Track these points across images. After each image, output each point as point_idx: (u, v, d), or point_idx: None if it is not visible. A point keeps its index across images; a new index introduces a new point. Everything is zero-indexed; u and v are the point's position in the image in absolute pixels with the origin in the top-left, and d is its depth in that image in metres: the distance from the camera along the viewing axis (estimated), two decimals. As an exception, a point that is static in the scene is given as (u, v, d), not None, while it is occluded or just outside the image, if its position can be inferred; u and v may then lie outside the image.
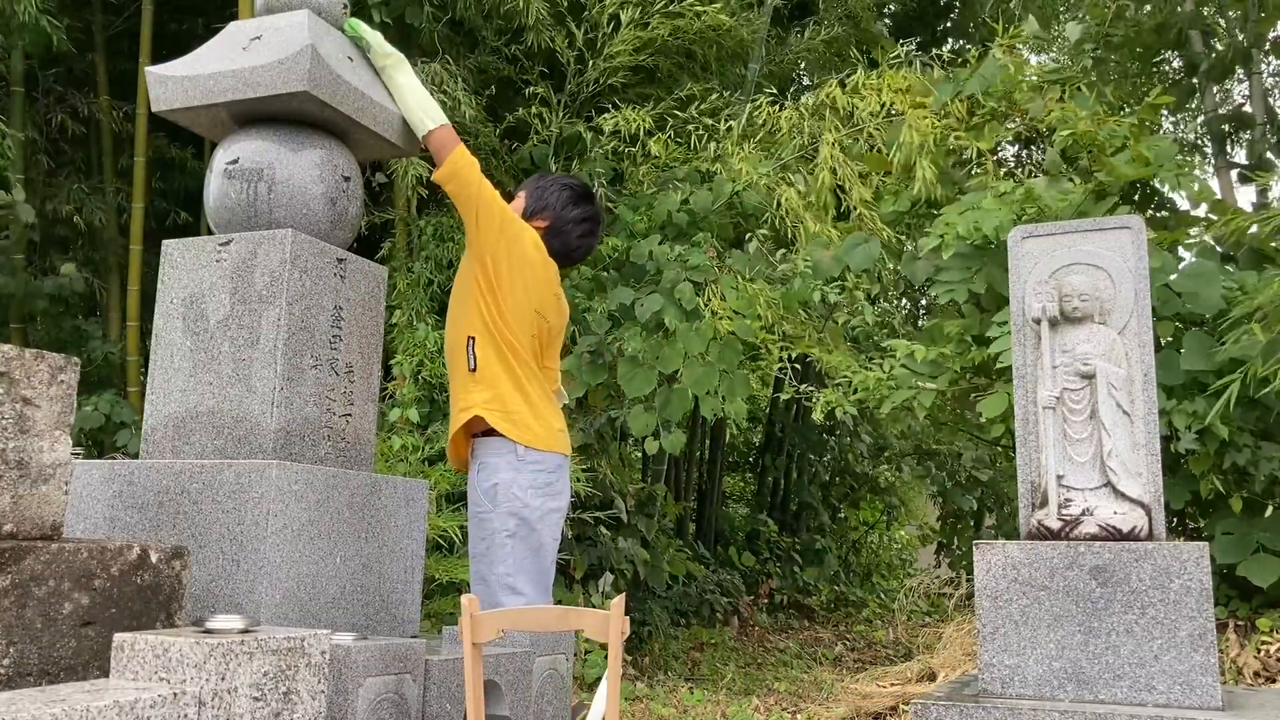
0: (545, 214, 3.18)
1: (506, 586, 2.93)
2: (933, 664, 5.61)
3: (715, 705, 5.17)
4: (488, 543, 2.96)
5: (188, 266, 2.99)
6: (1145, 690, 3.02)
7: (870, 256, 5.80)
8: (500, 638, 2.29)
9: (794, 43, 7.98)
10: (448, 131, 3.06)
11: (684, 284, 5.57)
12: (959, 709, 3.00)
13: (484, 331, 2.98)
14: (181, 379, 2.92)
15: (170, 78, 3.04)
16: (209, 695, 1.89)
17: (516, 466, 2.95)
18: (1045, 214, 5.07)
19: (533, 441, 2.97)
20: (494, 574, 2.94)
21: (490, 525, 2.96)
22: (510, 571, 2.93)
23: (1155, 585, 3.05)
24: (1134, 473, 3.22)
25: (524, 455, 2.95)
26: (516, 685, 2.77)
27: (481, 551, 2.97)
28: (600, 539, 6.18)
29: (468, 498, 3.05)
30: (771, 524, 10.64)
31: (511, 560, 2.94)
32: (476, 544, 2.99)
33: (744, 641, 7.85)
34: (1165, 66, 8.97)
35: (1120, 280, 3.33)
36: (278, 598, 2.60)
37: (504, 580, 2.93)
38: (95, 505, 2.80)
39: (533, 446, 2.97)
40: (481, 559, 2.97)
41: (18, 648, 1.98)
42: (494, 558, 2.94)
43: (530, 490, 2.96)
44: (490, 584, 2.95)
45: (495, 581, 2.94)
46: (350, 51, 3.17)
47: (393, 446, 5.26)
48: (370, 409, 3.14)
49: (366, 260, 3.18)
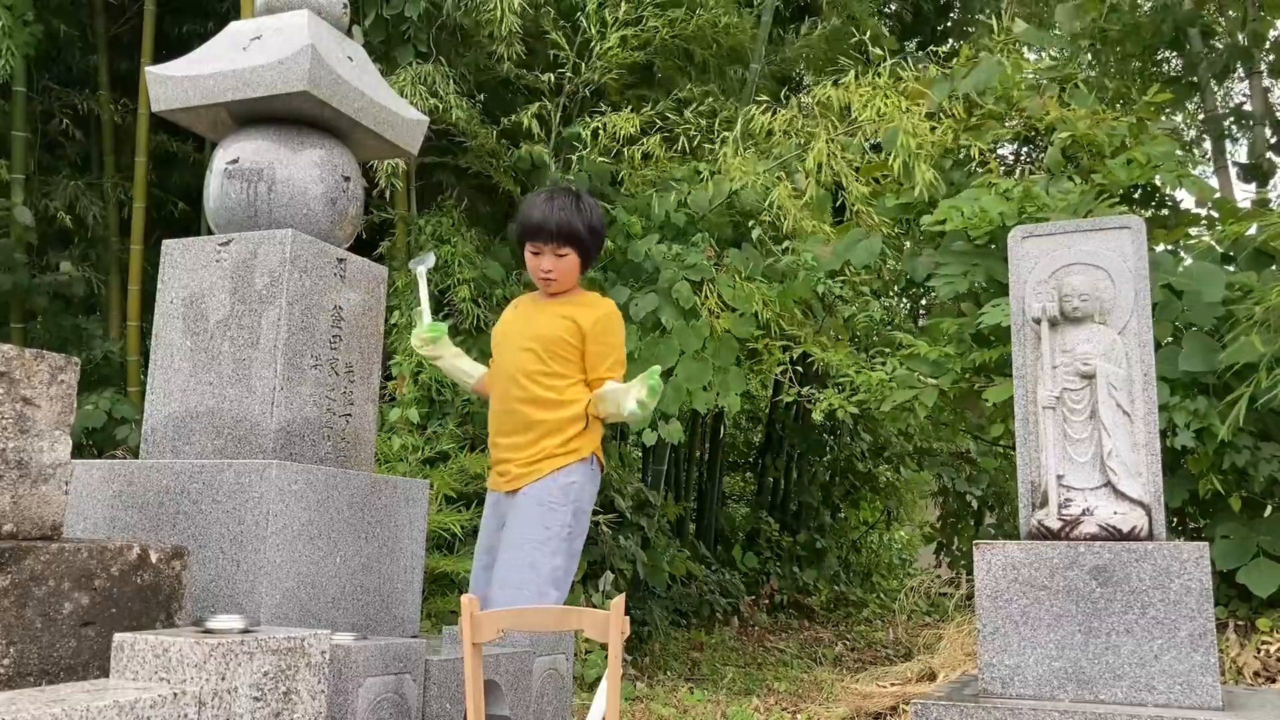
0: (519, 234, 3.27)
1: (554, 580, 2.99)
2: (933, 664, 5.61)
3: (715, 705, 5.17)
4: (551, 532, 3.01)
5: (188, 266, 2.99)
6: (1145, 690, 3.01)
7: (872, 252, 5.79)
8: (500, 638, 2.29)
9: (792, 40, 7.98)
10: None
11: (681, 283, 5.56)
12: (959, 709, 3.00)
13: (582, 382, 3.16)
14: (181, 379, 2.92)
15: (170, 78, 3.04)
16: (209, 695, 1.89)
17: (590, 475, 3.14)
18: (1045, 213, 5.07)
19: (599, 453, 3.19)
20: (548, 564, 2.99)
21: (557, 516, 3.03)
22: (562, 566, 3.02)
23: (1155, 585, 3.05)
24: (1134, 473, 3.22)
25: (593, 464, 3.15)
26: (516, 685, 2.77)
27: (540, 539, 3.00)
28: (601, 538, 6.17)
29: (529, 490, 3.07)
30: (772, 524, 10.63)
31: (563, 558, 3.02)
32: (536, 529, 3.01)
33: (744, 641, 7.85)
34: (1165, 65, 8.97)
35: (1120, 280, 3.33)
36: (278, 598, 2.60)
37: (555, 574, 3.00)
38: (95, 505, 2.80)
39: (598, 458, 3.18)
40: (538, 547, 2.99)
41: (18, 648, 1.98)
42: (552, 549, 3.00)
43: (591, 499, 3.15)
44: (541, 572, 2.97)
45: (547, 572, 2.98)
46: (350, 51, 3.17)
47: (392, 446, 5.26)
48: (370, 409, 3.14)
49: (367, 260, 3.18)
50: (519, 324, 3.22)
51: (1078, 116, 5.57)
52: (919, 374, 5.39)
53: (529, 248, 3.17)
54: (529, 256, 3.18)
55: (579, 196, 3.19)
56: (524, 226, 3.18)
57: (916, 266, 5.83)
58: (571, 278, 3.21)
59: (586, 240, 3.16)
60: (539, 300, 3.26)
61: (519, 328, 3.20)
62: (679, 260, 5.71)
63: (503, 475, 3.13)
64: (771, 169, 6.03)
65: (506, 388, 3.14)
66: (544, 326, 3.14)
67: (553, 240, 3.12)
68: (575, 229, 3.12)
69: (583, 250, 3.17)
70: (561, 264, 3.15)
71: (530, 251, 3.16)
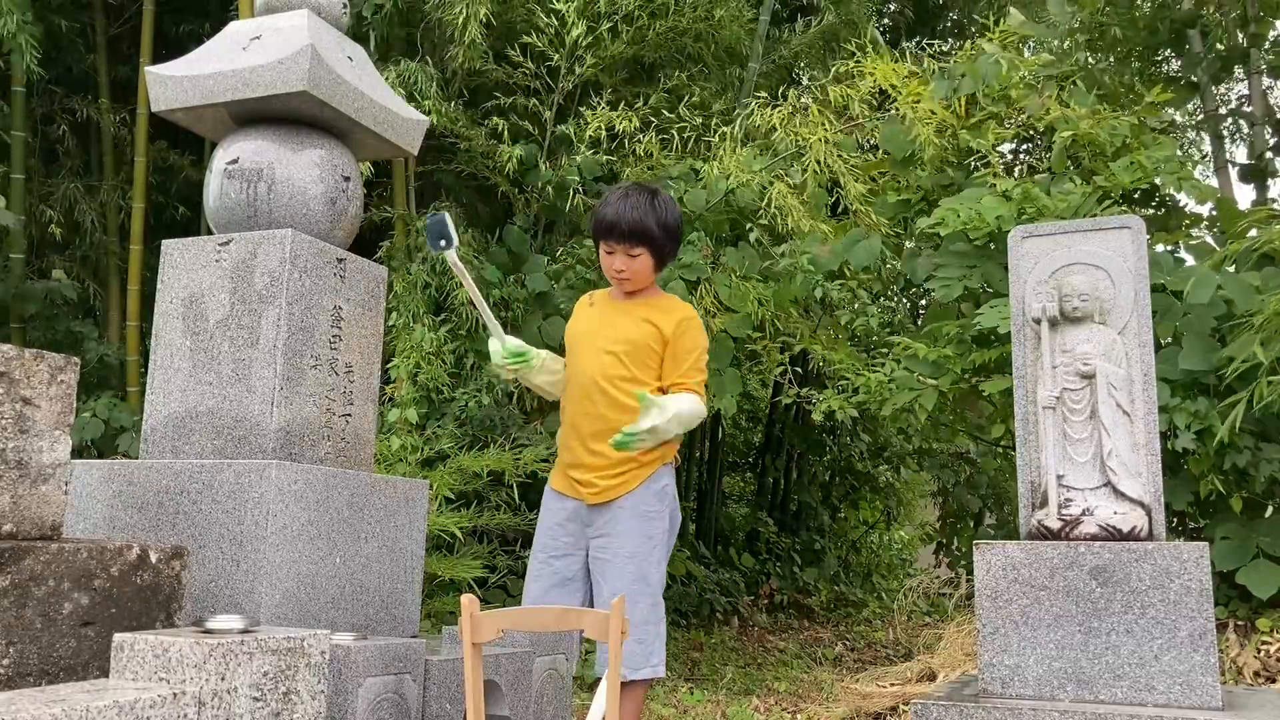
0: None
1: (662, 585, 3.03)
2: (933, 664, 5.61)
3: (715, 705, 5.17)
4: (654, 541, 3.01)
5: (187, 266, 2.99)
6: (1145, 690, 3.01)
7: (871, 253, 5.78)
8: (500, 638, 2.29)
9: (788, 40, 7.97)
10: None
11: (675, 282, 5.56)
12: (959, 709, 3.00)
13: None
14: (181, 379, 2.92)
15: (170, 78, 3.04)
16: (209, 695, 1.89)
17: (672, 475, 3.15)
18: (1045, 214, 5.06)
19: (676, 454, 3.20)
20: (656, 574, 3.00)
21: (658, 525, 3.03)
22: (663, 570, 3.05)
23: (1155, 585, 3.05)
24: (1134, 473, 3.22)
25: (670, 463, 3.15)
26: (516, 685, 2.77)
27: (646, 551, 2.99)
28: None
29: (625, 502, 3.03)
30: (771, 524, 10.63)
31: (664, 563, 3.05)
32: (641, 542, 2.99)
33: (744, 641, 7.85)
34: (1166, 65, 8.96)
35: (1120, 280, 3.33)
36: (278, 598, 2.59)
37: (662, 580, 3.03)
38: (95, 505, 2.80)
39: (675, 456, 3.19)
40: (645, 559, 2.98)
41: (18, 648, 1.98)
42: (657, 557, 3.01)
43: (677, 497, 3.17)
44: (651, 583, 2.98)
45: (657, 581, 3.00)
46: (350, 51, 3.17)
47: (391, 447, 5.26)
48: (370, 409, 3.14)
49: (366, 260, 3.18)
50: (598, 324, 3.15)
51: (1079, 116, 5.56)
52: (919, 375, 5.38)
53: (603, 246, 3.11)
54: (603, 255, 3.12)
55: (654, 194, 3.13)
56: (597, 225, 3.12)
57: (916, 267, 5.82)
58: (646, 277, 3.14)
59: (660, 239, 3.09)
60: (616, 300, 3.19)
61: (598, 328, 3.13)
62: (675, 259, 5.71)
63: (586, 486, 3.05)
64: (768, 165, 6.02)
65: (588, 391, 3.07)
66: (628, 329, 3.08)
67: (625, 240, 3.05)
68: (648, 228, 3.05)
69: (656, 250, 3.10)
70: (634, 264, 3.08)
71: (604, 250, 3.10)
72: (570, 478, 3.09)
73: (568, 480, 3.11)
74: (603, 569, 3.00)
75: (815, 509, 11.38)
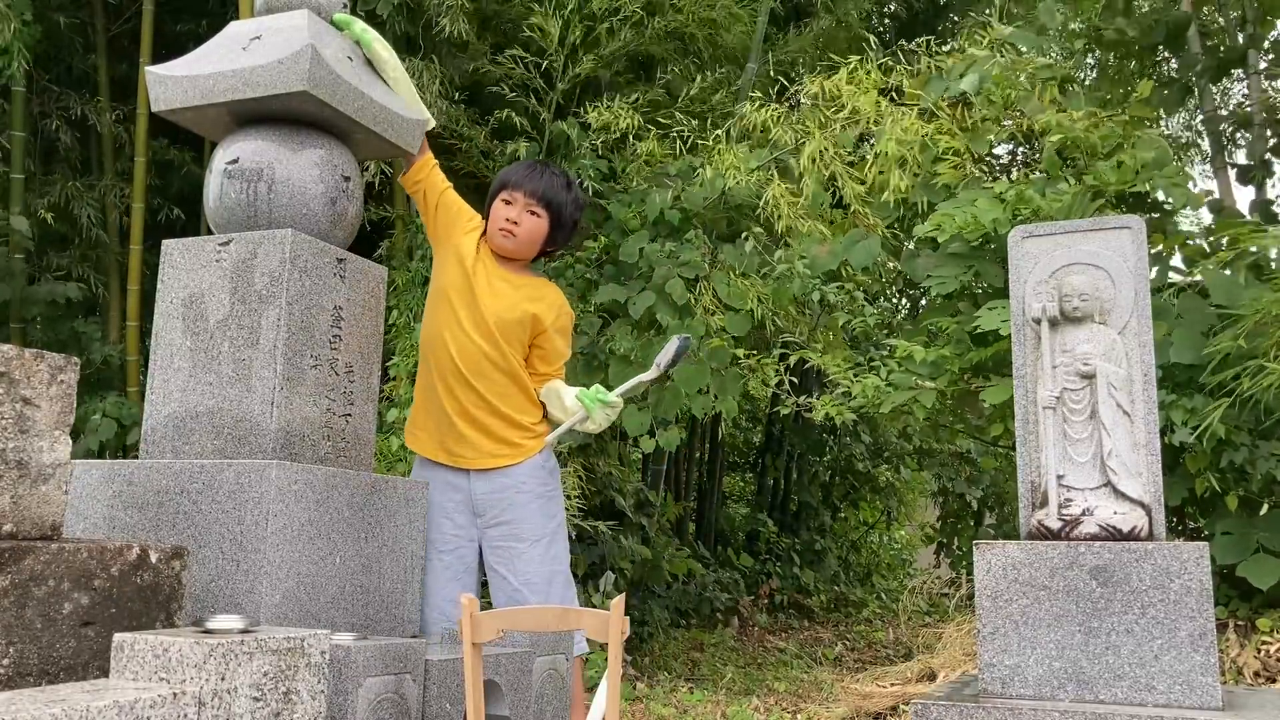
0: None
1: (569, 567, 3.03)
2: (933, 664, 5.61)
3: (715, 705, 5.17)
4: (557, 520, 2.99)
5: (187, 266, 2.98)
6: (1145, 690, 3.02)
7: (871, 254, 5.78)
8: (500, 638, 2.29)
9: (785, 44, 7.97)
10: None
11: (675, 280, 5.56)
12: (959, 709, 3.00)
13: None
14: (181, 379, 2.92)
15: (170, 77, 3.04)
16: (209, 695, 1.89)
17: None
18: (1039, 215, 5.07)
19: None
20: (565, 552, 2.99)
21: (556, 504, 3.02)
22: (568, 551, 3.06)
23: (1155, 585, 3.05)
24: (1134, 473, 3.22)
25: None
26: (516, 685, 2.77)
27: (552, 531, 2.97)
28: (601, 537, 6.17)
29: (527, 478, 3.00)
30: (771, 524, 10.63)
31: (567, 542, 3.05)
32: (544, 523, 2.96)
33: (744, 641, 7.85)
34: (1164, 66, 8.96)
35: (1120, 280, 3.34)
36: (278, 598, 2.59)
37: (569, 560, 3.04)
38: (95, 505, 2.80)
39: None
40: (552, 539, 2.97)
41: (17, 648, 1.98)
42: (563, 535, 3.01)
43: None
44: (563, 564, 2.99)
45: (566, 561, 3.00)
46: (350, 51, 3.17)
47: (391, 446, 5.25)
48: (370, 409, 3.14)
49: (366, 260, 3.18)
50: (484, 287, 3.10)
51: (1075, 119, 5.56)
52: (916, 376, 5.38)
53: (503, 195, 3.04)
54: (499, 204, 3.06)
55: (570, 181, 3.13)
56: (508, 172, 3.07)
57: (916, 267, 5.82)
58: (530, 246, 3.09)
59: (565, 212, 3.05)
60: (500, 267, 3.14)
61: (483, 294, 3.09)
62: (673, 258, 5.71)
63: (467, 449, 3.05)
64: (766, 163, 6.02)
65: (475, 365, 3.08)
66: (510, 309, 3.08)
67: (532, 196, 3.00)
68: (559, 194, 3.02)
69: (555, 220, 3.06)
70: (528, 223, 3.03)
71: (503, 198, 3.05)
72: (446, 447, 3.10)
73: (443, 449, 3.09)
74: (507, 558, 2.96)
75: (815, 509, 11.38)
